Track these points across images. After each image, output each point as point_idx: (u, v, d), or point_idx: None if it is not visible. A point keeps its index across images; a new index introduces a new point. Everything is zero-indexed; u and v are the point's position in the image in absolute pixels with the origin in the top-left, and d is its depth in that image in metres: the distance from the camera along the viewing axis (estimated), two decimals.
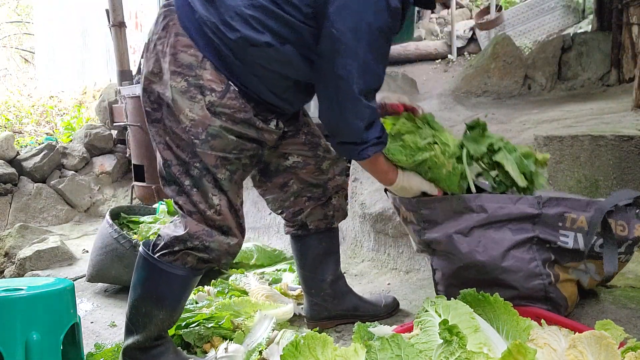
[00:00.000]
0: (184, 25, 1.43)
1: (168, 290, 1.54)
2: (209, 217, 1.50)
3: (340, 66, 1.38)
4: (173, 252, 1.51)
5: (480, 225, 1.75)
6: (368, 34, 1.36)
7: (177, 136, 1.47)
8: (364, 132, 1.47)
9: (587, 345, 1.23)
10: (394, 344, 1.31)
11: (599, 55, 4.72)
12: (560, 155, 2.65)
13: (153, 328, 1.55)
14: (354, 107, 1.43)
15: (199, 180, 1.48)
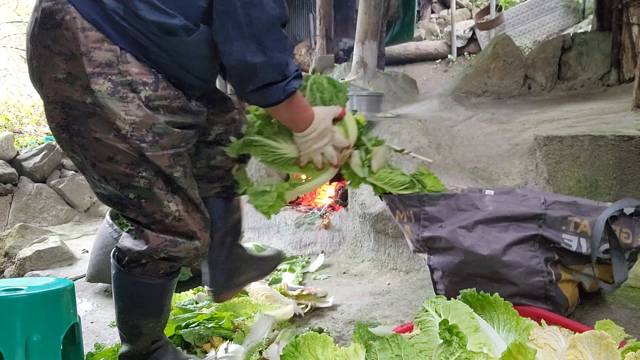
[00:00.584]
0: (89, 17, 1.23)
1: (148, 299, 1.49)
2: (169, 226, 1.39)
3: None
4: (141, 264, 1.43)
5: (485, 221, 1.76)
6: None
7: (111, 147, 1.29)
8: (286, 66, 1.33)
9: (587, 345, 1.23)
10: (394, 344, 1.31)
11: (599, 55, 4.72)
12: (560, 155, 2.65)
13: (144, 337, 1.53)
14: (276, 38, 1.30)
15: (147, 190, 1.34)
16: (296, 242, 3.01)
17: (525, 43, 8.63)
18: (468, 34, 9.25)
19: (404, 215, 1.93)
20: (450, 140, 3.34)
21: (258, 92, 1.35)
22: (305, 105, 1.51)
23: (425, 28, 9.81)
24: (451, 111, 4.20)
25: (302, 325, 1.97)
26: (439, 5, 10.54)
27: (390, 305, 2.11)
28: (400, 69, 7.66)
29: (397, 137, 3.07)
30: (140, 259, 1.42)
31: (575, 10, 8.76)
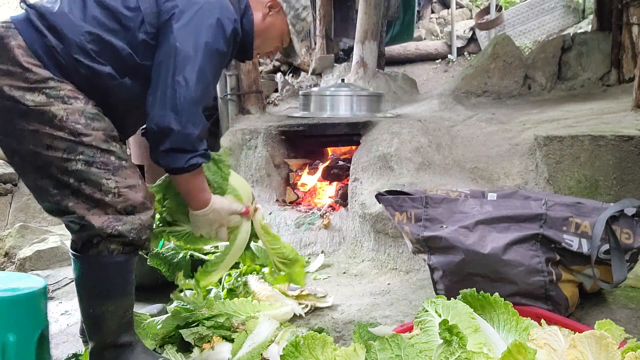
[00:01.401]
0: (33, 49, 1.44)
1: (105, 282, 1.51)
2: (110, 204, 1.46)
3: (180, 73, 1.48)
4: (93, 244, 1.47)
5: (486, 221, 1.77)
6: (206, 50, 1.52)
7: (48, 136, 1.42)
8: (196, 141, 1.52)
9: (587, 345, 1.23)
10: (394, 344, 1.31)
11: (599, 55, 4.72)
12: (560, 155, 2.65)
13: (107, 324, 1.53)
14: (192, 113, 1.49)
15: (86, 171, 1.44)
16: (296, 242, 3.01)
17: (525, 43, 8.63)
18: (468, 34, 9.25)
19: (403, 216, 1.94)
20: (450, 140, 3.34)
21: (167, 155, 1.52)
22: (204, 188, 1.67)
23: (425, 28, 9.81)
24: (451, 111, 4.20)
25: (302, 325, 1.97)
26: (439, 5, 10.53)
27: (390, 305, 2.11)
28: (400, 69, 7.66)
29: (397, 137, 3.07)
30: (91, 239, 1.46)
31: (575, 10, 8.76)
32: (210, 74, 1.55)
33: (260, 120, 4.05)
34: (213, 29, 1.53)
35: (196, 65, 1.49)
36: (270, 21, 1.77)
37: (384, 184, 2.80)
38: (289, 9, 1.79)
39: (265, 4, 1.76)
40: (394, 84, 5.49)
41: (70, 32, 1.45)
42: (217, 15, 1.54)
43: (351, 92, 3.77)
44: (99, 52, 1.48)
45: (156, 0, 1.54)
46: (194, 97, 1.49)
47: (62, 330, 2.20)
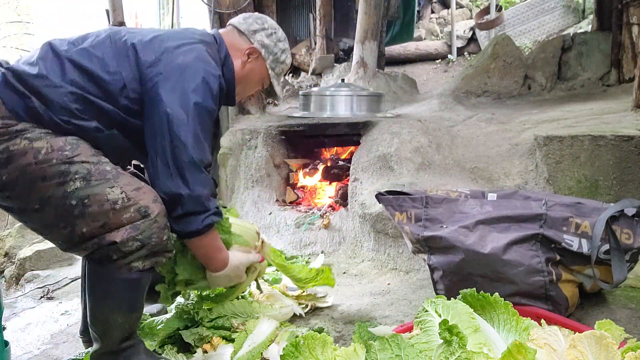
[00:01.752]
0: (14, 112, 1.43)
1: (119, 295, 1.49)
2: (122, 211, 1.43)
3: (177, 139, 1.48)
4: (112, 259, 1.44)
5: (486, 221, 1.77)
6: (196, 110, 1.52)
7: (39, 170, 1.40)
8: (207, 200, 1.52)
9: (587, 345, 1.23)
10: (394, 344, 1.31)
11: (599, 55, 4.72)
12: (560, 155, 2.65)
13: (113, 333, 1.52)
14: (196, 174, 1.50)
15: (86, 187, 1.42)
16: (296, 242, 3.01)
17: (525, 43, 8.63)
18: (468, 34, 9.25)
19: (403, 216, 1.94)
20: (450, 140, 3.34)
21: (180, 220, 1.52)
22: (221, 247, 1.67)
23: (425, 28, 9.81)
24: (451, 111, 4.20)
25: (302, 325, 1.97)
26: (439, 5, 10.54)
27: (390, 305, 2.11)
28: (400, 69, 7.66)
29: (397, 137, 3.07)
30: (111, 255, 1.43)
31: (575, 10, 8.76)
32: (203, 133, 1.54)
33: (260, 120, 4.05)
34: (200, 89, 1.54)
35: (190, 127, 1.49)
36: (250, 67, 1.78)
37: (384, 184, 2.80)
38: (267, 54, 1.80)
39: (244, 51, 1.76)
40: (394, 84, 5.49)
41: (52, 94, 1.45)
42: (202, 74, 1.55)
43: (351, 92, 3.77)
44: (84, 110, 1.48)
45: (137, 65, 1.53)
46: (195, 159, 1.49)
47: (62, 330, 2.20)
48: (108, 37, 1.58)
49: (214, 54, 1.67)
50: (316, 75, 6.34)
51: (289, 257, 2.82)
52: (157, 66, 1.53)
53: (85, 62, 1.51)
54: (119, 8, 4.07)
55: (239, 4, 4.07)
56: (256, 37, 1.78)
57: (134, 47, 1.55)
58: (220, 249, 1.67)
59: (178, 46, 1.59)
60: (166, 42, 1.59)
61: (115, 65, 1.52)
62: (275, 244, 3.04)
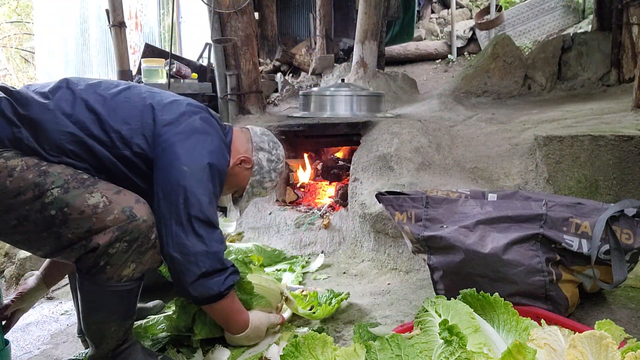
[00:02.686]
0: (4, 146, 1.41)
1: (111, 307, 1.47)
2: (106, 214, 1.39)
3: (192, 195, 1.47)
4: (99, 267, 1.40)
5: (486, 221, 1.77)
6: (212, 171, 1.54)
7: (14, 184, 1.36)
8: (224, 260, 1.52)
9: (587, 345, 1.23)
10: (394, 344, 1.31)
11: (599, 55, 4.72)
12: (560, 155, 2.65)
13: (108, 341, 1.51)
14: (212, 232, 1.50)
15: (65, 196, 1.37)
16: (296, 242, 3.01)
17: (525, 43, 8.63)
18: (468, 34, 9.25)
19: (403, 216, 1.94)
20: (450, 140, 3.34)
21: (198, 284, 1.48)
22: (241, 309, 1.67)
23: (425, 28, 9.81)
24: (451, 111, 4.20)
25: (302, 325, 1.97)
26: (439, 5, 10.54)
27: (390, 305, 2.11)
28: (400, 69, 7.66)
29: (397, 137, 3.07)
30: (98, 262, 1.39)
31: (575, 10, 8.77)
32: (215, 193, 1.55)
33: (260, 120, 4.04)
34: (216, 152, 1.57)
35: (206, 186, 1.51)
36: (236, 171, 1.77)
37: (384, 184, 2.80)
38: (258, 172, 1.80)
39: (240, 156, 1.77)
40: (394, 84, 5.49)
41: (51, 129, 1.43)
42: (218, 141, 1.61)
43: (351, 92, 3.77)
44: (78, 153, 1.46)
45: (154, 123, 1.54)
46: (210, 217, 1.49)
47: (62, 330, 2.20)
48: (128, 89, 1.59)
49: (222, 138, 1.70)
50: (316, 75, 6.34)
51: (288, 258, 2.83)
52: (176, 127, 1.54)
53: (98, 106, 1.50)
54: (119, 8, 4.07)
55: (239, 3, 4.07)
56: (259, 154, 1.81)
57: (152, 106, 1.56)
58: (241, 311, 1.66)
59: (196, 112, 1.62)
60: (185, 106, 1.62)
61: (128, 117, 1.52)
62: (275, 244, 3.04)
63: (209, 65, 4.68)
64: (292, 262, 2.71)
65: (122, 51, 4.37)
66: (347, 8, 7.58)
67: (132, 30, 8.90)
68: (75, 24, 10.98)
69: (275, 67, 6.88)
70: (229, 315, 1.62)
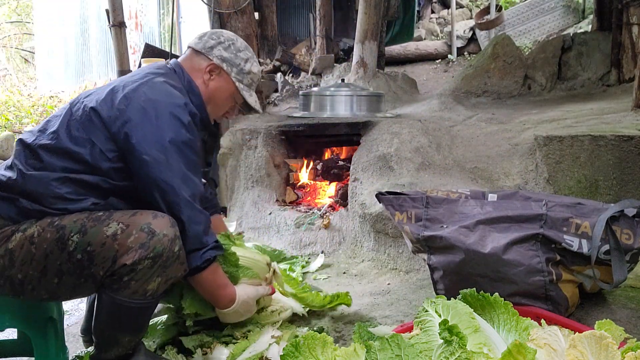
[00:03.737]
0: (6, 216, 1.46)
1: (130, 320, 1.49)
2: (124, 238, 1.40)
3: (163, 183, 1.46)
4: (124, 282, 1.40)
5: (486, 221, 1.77)
6: (173, 147, 1.48)
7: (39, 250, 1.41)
8: (204, 236, 1.52)
9: (587, 345, 1.23)
10: (394, 344, 1.31)
11: (599, 55, 4.72)
12: (560, 155, 2.65)
13: (118, 349, 1.53)
14: (190, 213, 1.49)
15: (85, 239, 1.40)
16: (296, 242, 3.01)
17: (525, 43, 8.63)
18: (468, 34, 9.25)
19: (403, 216, 1.94)
20: (450, 140, 3.34)
21: None
22: (226, 284, 1.66)
23: (425, 28, 9.81)
24: (451, 111, 4.20)
25: (302, 325, 1.97)
26: (439, 5, 10.54)
27: (390, 305, 2.11)
28: (400, 69, 7.66)
29: (397, 137, 3.07)
30: (122, 278, 1.40)
31: (575, 10, 8.77)
32: (187, 167, 1.51)
33: (260, 120, 4.04)
34: (169, 124, 1.49)
35: (171, 166, 1.47)
36: (214, 85, 1.72)
37: (384, 184, 2.80)
38: (230, 67, 1.74)
39: (204, 69, 1.72)
40: (394, 84, 5.49)
41: (38, 188, 1.45)
42: (168, 109, 1.51)
43: (351, 92, 3.77)
44: (74, 191, 1.47)
45: (104, 125, 1.50)
46: (185, 198, 1.48)
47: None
48: (69, 111, 1.55)
49: (176, 84, 1.63)
50: (316, 75, 6.33)
51: (288, 258, 2.82)
52: (122, 117, 1.49)
53: (56, 143, 1.49)
54: (119, 8, 4.07)
55: (239, 3, 4.07)
56: (214, 52, 1.73)
57: (94, 109, 1.51)
58: (225, 285, 1.65)
59: (135, 89, 1.53)
60: (122, 90, 1.54)
61: (84, 135, 1.49)
62: (275, 244, 3.04)
63: None
64: (292, 262, 2.71)
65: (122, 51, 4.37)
66: (347, 8, 7.58)
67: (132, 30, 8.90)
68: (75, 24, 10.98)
69: (275, 67, 6.88)
70: (214, 289, 1.62)
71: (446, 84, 5.56)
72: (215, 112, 1.80)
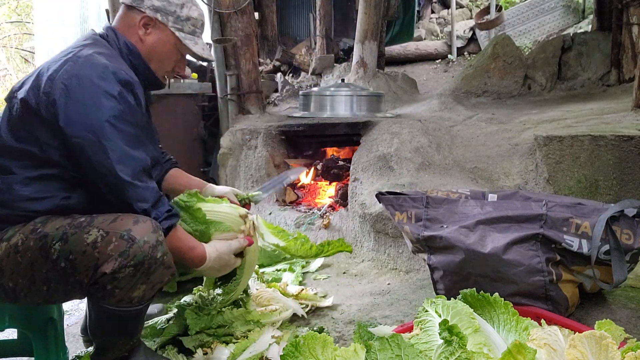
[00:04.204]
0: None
1: (122, 327, 1.48)
2: (104, 246, 1.35)
3: (99, 165, 1.38)
4: (108, 291, 1.37)
5: (486, 221, 1.78)
6: (106, 126, 1.38)
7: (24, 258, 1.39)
8: (153, 211, 1.44)
9: (587, 345, 1.23)
10: (394, 344, 1.31)
11: (599, 55, 4.72)
12: (560, 155, 2.65)
13: (114, 351, 1.52)
14: (133, 191, 1.41)
15: (66, 246, 1.36)
16: None
17: (525, 43, 8.63)
18: (468, 34, 9.25)
19: (403, 216, 1.94)
20: (450, 140, 3.34)
21: None
22: (192, 245, 1.57)
23: (425, 28, 9.80)
24: (451, 111, 4.20)
25: (302, 325, 1.97)
26: (439, 5, 10.53)
27: (390, 305, 2.11)
28: (400, 69, 7.65)
29: (397, 137, 3.07)
30: (105, 286, 1.37)
31: (575, 10, 8.76)
32: (126, 142, 1.41)
33: (260, 120, 4.05)
34: (96, 99, 1.39)
35: (105, 145, 1.37)
36: (151, 40, 1.61)
37: (384, 184, 2.80)
38: (165, 16, 1.62)
39: (138, 24, 1.61)
40: (394, 84, 5.49)
41: (5, 193, 1.42)
42: (94, 83, 1.40)
43: (351, 92, 3.77)
44: (38, 189, 1.43)
45: (37, 113, 1.42)
46: (124, 179, 1.39)
47: None
48: (6, 109, 1.49)
49: (106, 51, 1.52)
50: (316, 75, 6.33)
51: (288, 258, 2.82)
52: (48, 100, 1.40)
53: (1, 145, 1.45)
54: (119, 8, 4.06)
55: (239, 3, 4.07)
56: (144, 4, 1.60)
57: (24, 100, 1.43)
58: (192, 248, 1.57)
59: (57, 69, 1.42)
60: (47, 72, 1.44)
61: (24, 129, 1.43)
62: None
63: (209, 65, 4.68)
64: (292, 262, 2.70)
65: None
66: (347, 8, 7.57)
67: None
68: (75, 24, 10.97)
69: (275, 67, 6.88)
70: (182, 254, 1.54)
71: (446, 84, 5.56)
72: (162, 68, 1.68)
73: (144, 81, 1.62)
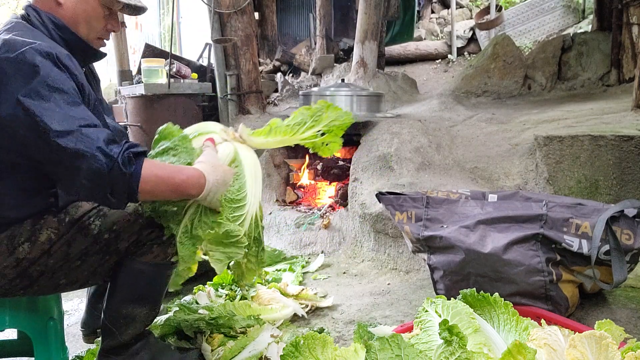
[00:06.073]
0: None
1: (146, 288, 1.53)
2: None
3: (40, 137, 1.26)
4: (144, 245, 1.48)
5: (486, 221, 1.78)
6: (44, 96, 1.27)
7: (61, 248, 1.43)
8: (107, 146, 1.28)
9: (587, 345, 1.23)
10: (394, 344, 1.31)
11: (599, 55, 4.72)
12: (560, 155, 2.65)
13: (136, 326, 1.54)
14: (80, 140, 1.26)
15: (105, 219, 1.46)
16: (296, 242, 3.01)
17: (525, 43, 8.63)
18: (468, 34, 9.24)
19: (404, 216, 1.94)
20: (450, 140, 3.34)
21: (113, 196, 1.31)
22: (176, 169, 1.40)
23: (425, 28, 9.80)
24: (451, 111, 4.20)
25: (303, 326, 1.97)
26: (439, 5, 10.53)
27: (390, 305, 2.11)
28: (400, 69, 7.65)
29: (397, 137, 3.07)
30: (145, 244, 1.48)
31: (575, 10, 8.76)
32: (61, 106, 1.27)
33: (260, 120, 4.05)
34: (17, 78, 1.28)
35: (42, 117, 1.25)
36: (70, 3, 1.46)
37: (384, 184, 2.80)
38: None
39: None
40: (394, 84, 5.49)
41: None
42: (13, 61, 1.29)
43: (351, 92, 3.77)
44: (17, 193, 1.40)
45: None
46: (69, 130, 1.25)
47: None
48: None
49: (27, 31, 1.40)
50: (316, 75, 6.33)
51: (288, 258, 2.83)
52: None
53: None
54: None
55: (239, 3, 4.07)
56: None
57: None
58: (178, 170, 1.40)
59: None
60: None
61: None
62: (276, 244, 3.05)
63: (209, 65, 4.68)
64: (292, 262, 2.71)
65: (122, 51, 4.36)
66: (347, 8, 7.57)
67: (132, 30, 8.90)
68: None
69: (275, 67, 6.88)
70: (170, 181, 1.36)
71: (446, 84, 5.57)
72: (93, 32, 1.53)
73: (82, 53, 1.51)
